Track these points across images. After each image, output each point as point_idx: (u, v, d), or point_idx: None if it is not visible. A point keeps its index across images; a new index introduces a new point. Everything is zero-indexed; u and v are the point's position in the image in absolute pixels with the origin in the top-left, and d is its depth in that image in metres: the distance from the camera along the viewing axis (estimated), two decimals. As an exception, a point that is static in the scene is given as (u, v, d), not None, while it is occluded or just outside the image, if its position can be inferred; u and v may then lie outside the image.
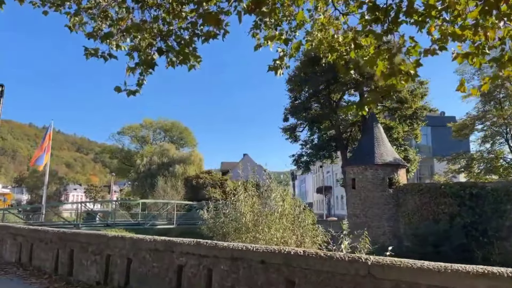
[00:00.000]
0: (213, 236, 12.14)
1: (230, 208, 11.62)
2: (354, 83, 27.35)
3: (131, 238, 6.04)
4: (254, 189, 11.90)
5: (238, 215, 11.17)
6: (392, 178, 25.07)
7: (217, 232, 12.01)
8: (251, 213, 10.96)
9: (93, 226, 32.84)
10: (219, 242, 5.04)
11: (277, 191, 11.66)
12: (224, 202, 12.34)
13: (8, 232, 9.22)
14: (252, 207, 11.13)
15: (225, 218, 11.64)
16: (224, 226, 11.39)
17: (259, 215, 10.94)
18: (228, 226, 11.24)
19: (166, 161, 64.17)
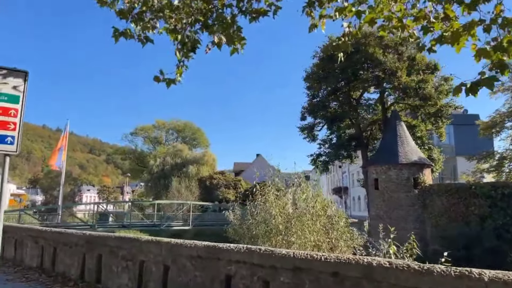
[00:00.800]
0: (240, 239, 11.46)
1: (259, 209, 10.91)
2: (375, 80, 26.44)
3: (169, 243, 5.38)
4: (283, 189, 11.16)
5: (268, 216, 10.46)
6: (418, 178, 24.09)
7: (244, 234, 11.31)
8: (282, 214, 10.24)
9: (109, 227, 32.56)
10: (275, 249, 4.35)
11: (308, 191, 10.93)
12: (252, 203, 11.62)
13: (29, 234, 8.67)
14: (283, 208, 10.41)
15: (254, 220, 10.94)
16: (253, 229, 10.69)
17: (290, 217, 10.21)
18: (257, 229, 10.54)
19: (179, 162, 63.91)
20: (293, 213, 10.29)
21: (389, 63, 25.86)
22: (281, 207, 10.39)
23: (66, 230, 7.43)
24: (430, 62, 27.94)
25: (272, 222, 10.35)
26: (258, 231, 10.52)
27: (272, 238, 10.48)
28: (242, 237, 11.44)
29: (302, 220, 10.23)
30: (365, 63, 27.49)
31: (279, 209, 10.34)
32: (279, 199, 10.65)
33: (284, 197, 10.76)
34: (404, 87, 25.76)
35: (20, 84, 5.04)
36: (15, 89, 5.01)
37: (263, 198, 11.18)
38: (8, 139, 4.90)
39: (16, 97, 5.00)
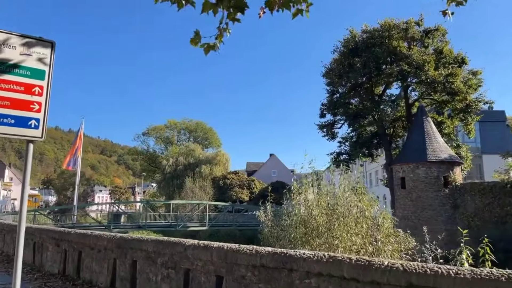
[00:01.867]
0: (274, 242, 10.51)
1: (296, 209, 9.94)
2: (400, 74, 25.23)
3: (221, 249, 4.45)
4: (326, 188, 10.16)
5: (308, 217, 9.49)
6: (448, 176, 22.85)
7: (279, 237, 10.36)
8: (324, 215, 9.26)
9: (123, 228, 31.92)
10: (373, 259, 3.40)
11: (350, 189, 9.93)
12: (289, 202, 10.66)
13: (49, 236, 7.84)
14: (325, 208, 9.43)
15: (290, 221, 9.97)
16: (291, 231, 9.73)
17: (334, 217, 9.23)
18: (296, 231, 9.57)
19: (192, 162, 63.27)
20: (336, 213, 9.30)
21: (416, 56, 24.64)
22: (323, 207, 9.41)
23: (93, 232, 6.56)
24: (458, 55, 26.63)
25: (312, 223, 9.38)
26: (296, 233, 9.56)
27: (312, 241, 9.51)
28: (277, 239, 10.49)
29: (346, 221, 9.25)
30: (388, 57, 26.28)
31: (320, 210, 9.37)
32: (321, 198, 9.67)
33: (326, 195, 9.77)
34: (432, 81, 24.50)
35: (46, 56, 4.18)
36: (40, 62, 4.14)
37: (301, 197, 10.22)
38: (32, 122, 4.04)
39: (41, 72, 4.14)
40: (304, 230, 9.68)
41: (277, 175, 62.72)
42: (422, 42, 26.54)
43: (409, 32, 25.94)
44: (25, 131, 3.98)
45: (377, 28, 27.09)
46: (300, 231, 9.68)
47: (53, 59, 4.26)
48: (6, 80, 3.91)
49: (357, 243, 9.06)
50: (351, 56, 28.23)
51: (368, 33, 27.38)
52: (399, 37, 26.45)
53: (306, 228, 9.70)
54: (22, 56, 4.04)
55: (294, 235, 9.66)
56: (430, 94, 27.04)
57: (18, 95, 3.97)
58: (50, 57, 4.23)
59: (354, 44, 27.80)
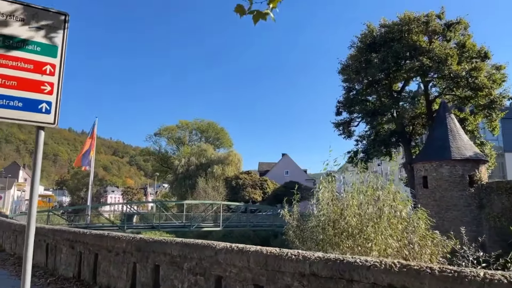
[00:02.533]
0: (300, 245, 9.85)
1: (325, 210, 9.26)
2: (421, 69, 24.29)
3: (259, 253, 3.82)
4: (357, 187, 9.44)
5: (337, 218, 8.81)
6: (473, 175, 21.85)
7: (306, 238, 9.70)
8: (357, 216, 8.56)
9: (137, 228, 31.59)
10: (460, 268, 2.73)
11: (388, 188, 9.22)
12: (316, 201, 9.98)
13: (63, 238, 7.31)
14: (358, 208, 8.73)
15: (318, 221, 9.30)
16: (320, 232, 9.06)
17: (367, 218, 8.52)
18: (325, 232, 8.90)
19: (204, 162, 62.90)
20: (368, 214, 8.60)
21: (438, 50, 23.68)
22: (355, 207, 8.71)
23: (110, 233, 5.99)
24: (481, 48, 25.57)
25: (342, 225, 8.69)
26: (326, 235, 8.87)
27: (341, 243, 8.82)
28: (303, 241, 9.83)
29: (379, 222, 8.54)
30: (408, 52, 25.35)
31: (353, 210, 8.67)
32: (353, 197, 8.96)
33: (358, 195, 9.06)
34: (455, 76, 23.51)
35: (58, 30, 3.62)
36: (52, 38, 3.58)
37: (328, 196, 9.54)
38: (43, 106, 3.47)
39: (53, 48, 3.57)
40: (332, 232, 9.02)
41: (290, 175, 61.94)
42: (444, 36, 25.55)
43: (430, 25, 24.99)
44: (34, 115, 3.41)
45: (396, 22, 26.21)
46: (329, 232, 9.01)
47: (66, 34, 3.69)
48: (12, 56, 3.36)
49: (392, 246, 8.35)
50: (368, 51, 27.44)
51: (387, 27, 26.52)
52: (419, 31, 25.53)
53: (335, 229, 9.03)
54: (31, 30, 3.48)
55: (323, 237, 8.98)
56: (452, 90, 26.03)
57: (27, 74, 3.41)
58: (63, 31, 3.66)
59: (372, 39, 26.97)
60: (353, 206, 8.66)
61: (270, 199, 52.66)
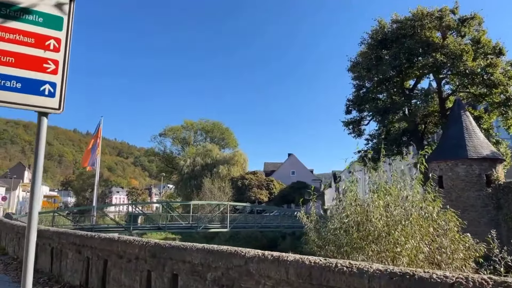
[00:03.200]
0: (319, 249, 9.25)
1: (348, 211, 8.64)
2: (435, 66, 23.57)
3: (302, 264, 3.22)
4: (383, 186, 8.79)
5: (363, 220, 8.19)
6: (490, 175, 21.11)
7: (327, 241, 9.09)
8: (384, 217, 7.93)
9: (143, 229, 31.14)
10: None
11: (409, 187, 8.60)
12: (338, 202, 9.37)
13: (69, 241, 6.75)
14: (385, 210, 8.09)
15: (340, 224, 8.68)
16: (343, 235, 8.44)
17: (395, 220, 7.90)
18: (349, 236, 8.28)
19: (209, 162, 62.43)
20: (395, 215, 7.96)
21: (452, 46, 22.96)
22: (381, 208, 8.08)
23: (121, 237, 5.41)
24: (496, 45, 24.80)
25: (368, 227, 8.06)
26: (350, 238, 8.24)
27: (367, 247, 8.19)
28: (322, 245, 9.21)
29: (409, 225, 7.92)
30: (421, 48, 24.63)
31: (379, 211, 8.04)
32: (380, 198, 8.34)
33: (384, 194, 8.43)
34: (470, 73, 22.78)
35: (65, 1, 3.05)
36: (56, 7, 3.02)
37: (351, 196, 8.92)
38: (46, 87, 2.89)
39: (58, 20, 2.99)
40: (356, 235, 8.39)
41: (296, 175, 61.33)
42: (458, 31, 24.82)
43: (443, 20, 24.26)
44: (36, 99, 2.83)
45: (408, 17, 25.51)
46: (354, 236, 8.38)
47: (73, 4, 3.11)
48: (10, 28, 2.78)
49: (424, 251, 7.71)
50: (379, 48, 26.76)
51: (399, 23, 25.82)
52: (432, 26, 24.81)
53: (359, 232, 8.40)
54: None
55: (347, 240, 8.34)
56: (466, 87, 25.27)
57: (27, 50, 2.83)
58: (70, 2, 3.09)
59: (383, 35, 26.29)
60: (379, 207, 8.03)
61: (277, 199, 52.07)
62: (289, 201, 50.26)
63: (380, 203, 8.07)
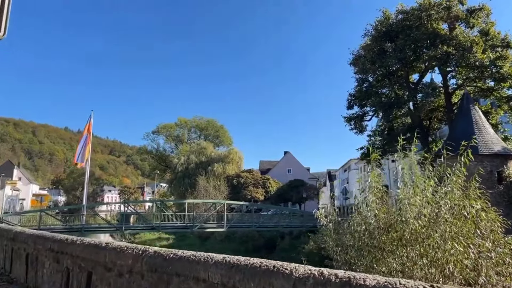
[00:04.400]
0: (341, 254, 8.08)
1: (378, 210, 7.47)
2: (443, 58, 22.56)
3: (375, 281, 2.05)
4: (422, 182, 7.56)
5: (396, 221, 7.04)
6: (502, 171, 20.18)
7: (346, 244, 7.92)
8: (422, 217, 6.78)
9: (136, 229, 29.81)
10: None
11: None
12: (364, 202, 8.16)
13: (46, 247, 5.47)
14: (423, 208, 6.93)
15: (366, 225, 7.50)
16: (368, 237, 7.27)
17: (435, 221, 6.75)
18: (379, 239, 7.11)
19: (204, 160, 61.07)
20: (436, 215, 6.81)
21: (462, 37, 21.97)
22: (418, 206, 6.93)
23: (110, 244, 4.16)
24: (505, 37, 23.87)
25: (403, 229, 6.90)
26: (380, 242, 7.07)
27: (399, 252, 7.03)
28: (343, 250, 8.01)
29: (451, 226, 6.79)
30: (428, 40, 23.60)
31: (414, 210, 6.89)
32: (416, 194, 7.18)
33: (422, 192, 7.26)
34: (480, 65, 21.82)
35: None
36: None
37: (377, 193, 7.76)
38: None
39: None
40: (386, 237, 7.22)
41: (293, 174, 60.26)
42: (467, 23, 23.83)
43: (452, 11, 23.26)
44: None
45: (415, 7, 24.47)
46: (382, 238, 7.21)
47: None
48: None
49: (471, 257, 6.56)
50: (383, 40, 25.71)
51: (404, 13, 24.77)
52: (439, 17, 23.81)
53: (389, 234, 7.24)
54: None
55: (377, 244, 7.14)
56: (474, 81, 24.33)
57: None
58: None
59: (387, 27, 25.22)
60: (415, 205, 6.88)
61: (274, 198, 50.89)
62: (286, 199, 49.18)
63: (417, 200, 6.93)
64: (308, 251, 27.20)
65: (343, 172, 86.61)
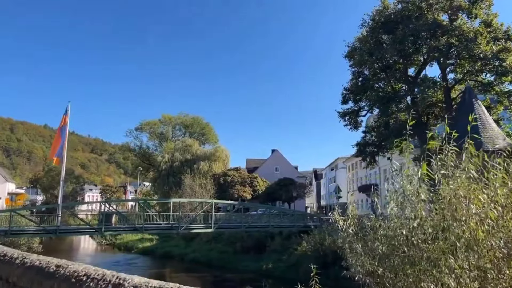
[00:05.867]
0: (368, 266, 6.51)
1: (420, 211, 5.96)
2: (444, 49, 21.48)
3: None
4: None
5: (447, 224, 5.54)
6: (508, 169, 19.15)
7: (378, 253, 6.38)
8: (489, 220, 5.29)
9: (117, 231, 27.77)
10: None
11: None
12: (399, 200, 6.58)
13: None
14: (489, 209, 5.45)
15: (409, 229, 5.97)
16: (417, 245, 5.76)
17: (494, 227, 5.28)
18: (417, 246, 5.59)
19: (189, 158, 59.08)
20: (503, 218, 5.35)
21: (465, 28, 20.93)
22: (479, 207, 5.44)
23: (62, 268, 2.49)
24: (508, 29, 22.97)
25: (456, 234, 5.41)
26: (429, 250, 5.55)
27: (446, 261, 5.52)
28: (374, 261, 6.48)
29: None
30: (429, 31, 22.50)
31: (472, 211, 5.42)
32: (472, 192, 5.68)
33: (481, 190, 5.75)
34: (484, 58, 20.82)
35: None
36: None
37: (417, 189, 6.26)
38: None
39: None
40: (433, 246, 5.71)
41: (281, 172, 58.88)
42: (469, 13, 22.83)
43: (454, 0, 22.21)
44: None
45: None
46: (429, 247, 5.71)
47: None
48: None
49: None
50: (381, 31, 24.54)
51: (404, 3, 23.62)
52: (440, 7, 22.74)
53: (437, 241, 5.73)
54: None
55: (422, 254, 5.65)
56: (475, 74, 23.38)
57: None
58: None
59: (386, 17, 24.04)
60: (478, 204, 5.44)
61: (262, 197, 49.38)
62: (275, 198, 47.76)
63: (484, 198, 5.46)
64: (302, 253, 25.83)
65: (330, 171, 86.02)
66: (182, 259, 35.71)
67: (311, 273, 5.45)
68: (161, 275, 31.89)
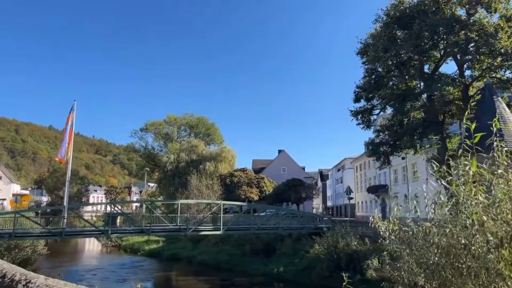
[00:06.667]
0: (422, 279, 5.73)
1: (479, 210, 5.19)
2: (464, 44, 20.66)
3: None
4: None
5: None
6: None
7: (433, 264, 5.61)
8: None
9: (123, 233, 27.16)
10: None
11: None
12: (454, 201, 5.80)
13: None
14: None
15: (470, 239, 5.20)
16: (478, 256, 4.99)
17: None
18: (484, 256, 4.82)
19: (195, 158, 58.44)
20: None
21: (486, 22, 20.10)
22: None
23: None
24: (527, 23, 22.07)
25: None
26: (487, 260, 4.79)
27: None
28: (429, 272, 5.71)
29: None
30: (447, 25, 21.66)
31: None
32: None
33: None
34: (505, 53, 19.97)
35: None
36: None
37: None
38: None
39: None
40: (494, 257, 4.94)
41: (288, 173, 58.15)
42: (488, 7, 21.97)
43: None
44: None
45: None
46: (489, 257, 4.95)
47: None
48: None
49: None
50: (395, 27, 23.73)
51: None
52: (457, 1, 21.92)
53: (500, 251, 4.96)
54: None
55: (483, 264, 4.91)
56: (494, 71, 22.50)
57: None
58: None
59: (401, 12, 23.24)
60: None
61: (270, 198, 48.58)
62: (284, 199, 46.93)
63: None
64: (314, 256, 25.03)
65: (337, 171, 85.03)
66: (190, 261, 35.07)
67: (324, 277, 4.80)
68: (168, 278, 31.25)
